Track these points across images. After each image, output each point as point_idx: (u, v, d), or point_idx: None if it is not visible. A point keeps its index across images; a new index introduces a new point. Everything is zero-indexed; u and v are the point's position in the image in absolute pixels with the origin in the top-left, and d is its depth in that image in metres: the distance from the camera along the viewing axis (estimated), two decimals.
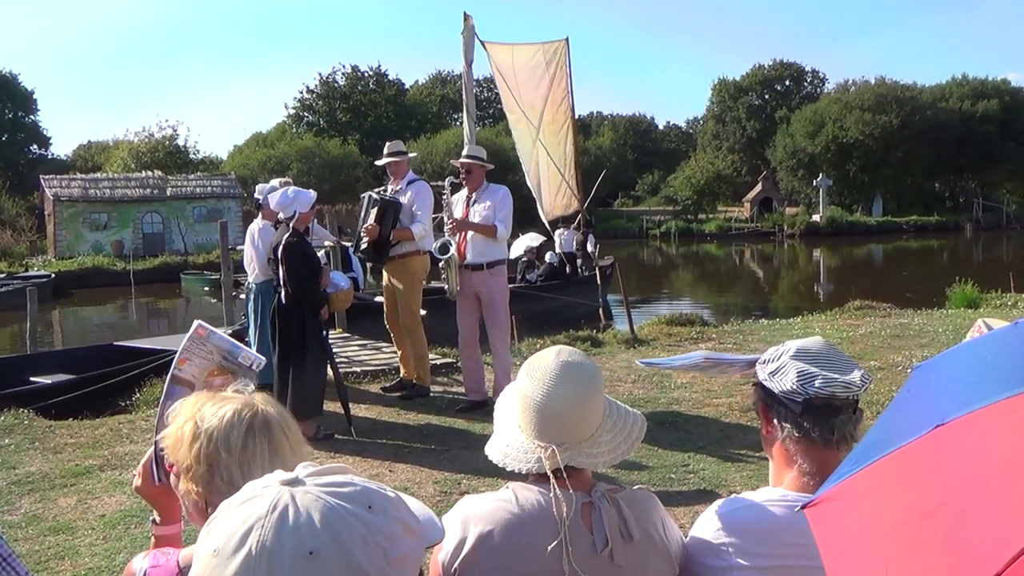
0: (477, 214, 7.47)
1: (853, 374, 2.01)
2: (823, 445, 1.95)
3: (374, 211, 7.73)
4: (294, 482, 0.90)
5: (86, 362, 10.58)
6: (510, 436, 2.06)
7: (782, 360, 2.04)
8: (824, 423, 1.97)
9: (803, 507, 1.23)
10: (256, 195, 8.52)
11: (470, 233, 7.48)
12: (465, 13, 9.46)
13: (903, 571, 1.00)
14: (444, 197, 7.65)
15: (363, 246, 7.91)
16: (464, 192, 7.63)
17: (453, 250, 7.42)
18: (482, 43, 10.71)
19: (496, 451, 2.06)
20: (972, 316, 12.07)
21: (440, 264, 7.66)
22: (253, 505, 0.88)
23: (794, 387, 1.99)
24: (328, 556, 0.84)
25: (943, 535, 0.98)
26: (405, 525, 0.92)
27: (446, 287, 7.69)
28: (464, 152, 7.72)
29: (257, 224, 8.23)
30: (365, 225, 7.76)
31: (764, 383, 2.08)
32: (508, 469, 2.02)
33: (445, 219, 7.57)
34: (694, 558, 2.10)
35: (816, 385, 1.97)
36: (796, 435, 2.01)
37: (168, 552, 1.76)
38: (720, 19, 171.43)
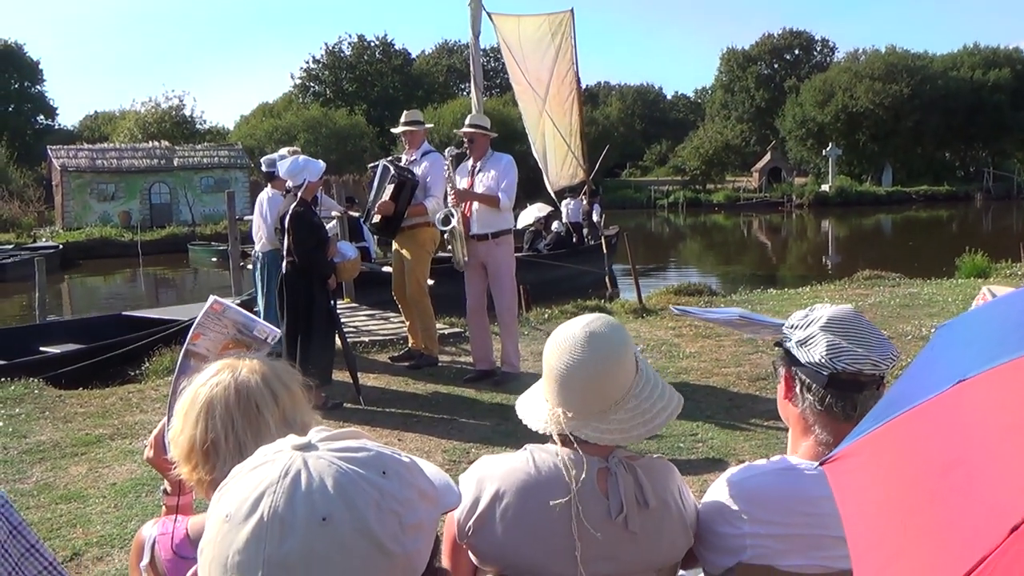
0: (481, 183, 7.43)
1: (883, 350, 1.98)
2: (843, 420, 1.93)
3: (390, 187, 7.66)
4: (306, 447, 0.89)
5: (95, 332, 10.62)
6: (537, 391, 2.07)
7: (812, 330, 2.01)
8: (848, 399, 1.94)
9: (821, 463, 1.22)
10: (264, 167, 8.49)
11: (475, 204, 7.45)
12: None
13: (921, 524, 0.99)
14: (446, 167, 7.59)
15: (375, 220, 7.88)
16: (469, 162, 7.59)
17: (455, 221, 7.38)
18: (488, 15, 10.69)
19: (523, 406, 2.08)
20: (982, 286, 12.03)
21: (444, 236, 7.62)
22: (265, 470, 0.86)
23: (822, 360, 1.96)
24: (341, 522, 0.83)
25: (963, 488, 0.97)
26: (420, 491, 0.90)
27: (453, 258, 7.66)
28: (467, 121, 7.66)
29: (266, 193, 8.25)
30: (380, 200, 7.70)
31: (791, 350, 2.05)
32: (524, 423, 2.03)
33: (448, 190, 7.53)
34: (706, 525, 2.10)
35: (845, 360, 1.94)
36: (818, 408, 1.99)
37: (177, 519, 1.77)
38: None
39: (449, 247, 7.68)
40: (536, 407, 2.05)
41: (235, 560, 0.83)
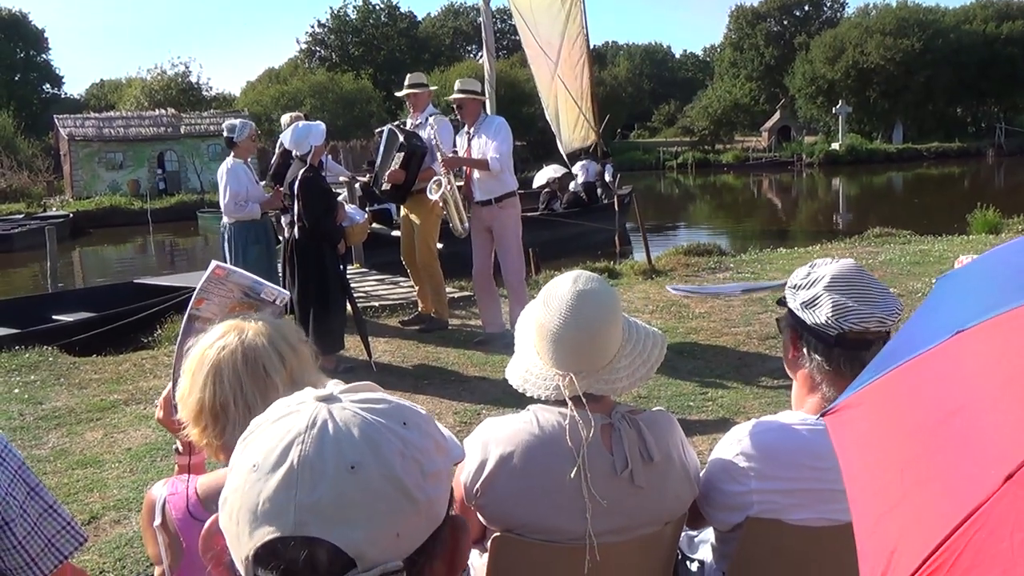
0: (478, 150, 7.38)
1: (888, 304, 1.97)
2: (851, 377, 1.93)
3: (399, 155, 7.63)
4: (329, 398, 0.91)
5: (107, 300, 10.66)
6: (529, 362, 2.07)
7: (816, 290, 1.99)
8: (855, 357, 1.94)
9: (822, 414, 1.23)
10: (225, 132, 7.87)
11: (475, 171, 7.43)
12: None
13: (919, 473, 1.00)
14: (434, 140, 7.54)
15: (385, 187, 7.86)
16: (464, 129, 7.55)
17: (444, 188, 7.36)
18: None
19: (516, 376, 2.07)
20: (994, 241, 11.96)
21: (439, 203, 7.59)
22: (291, 420, 0.88)
23: (828, 321, 1.95)
24: (369, 469, 0.85)
25: (960, 437, 0.99)
26: (437, 442, 0.93)
27: (450, 224, 7.65)
28: (456, 86, 7.57)
29: (227, 163, 7.70)
30: (390, 170, 7.67)
31: (795, 312, 2.04)
32: (528, 395, 2.04)
33: (438, 157, 7.48)
34: (712, 483, 2.11)
35: (851, 320, 1.94)
36: (826, 368, 1.99)
37: (186, 479, 1.79)
38: None
39: (444, 214, 7.65)
40: (533, 375, 2.04)
41: (265, 508, 0.85)
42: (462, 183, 7.87)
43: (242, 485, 0.87)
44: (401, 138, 7.68)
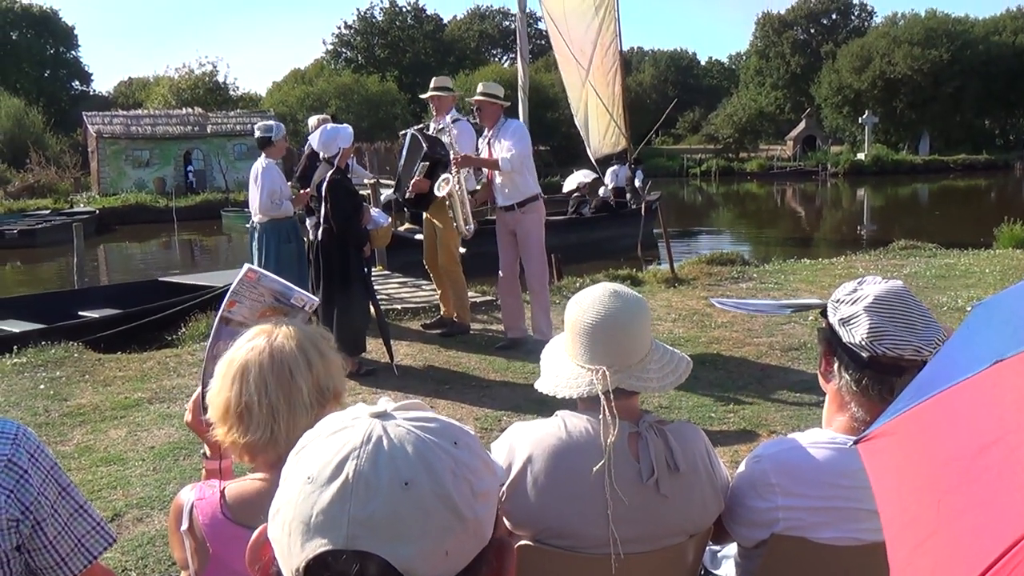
0: (497, 153, 7.42)
1: (929, 334, 1.91)
2: (880, 402, 1.89)
3: (423, 165, 7.67)
4: (384, 415, 0.92)
5: (133, 297, 10.76)
6: (559, 366, 2.09)
7: (856, 308, 1.95)
8: (885, 382, 1.90)
9: (855, 442, 1.22)
10: (258, 132, 7.98)
11: (496, 175, 7.45)
12: None
13: (955, 504, 1.00)
14: (448, 132, 7.64)
15: (409, 195, 7.91)
16: (485, 133, 7.61)
17: (452, 185, 7.40)
18: None
19: (546, 383, 2.09)
20: (1020, 257, 11.86)
21: (447, 204, 7.63)
22: (346, 435, 0.89)
23: (863, 342, 1.91)
24: (422, 486, 0.86)
25: (998, 469, 0.97)
26: (485, 462, 0.94)
27: (455, 223, 7.68)
28: (479, 89, 7.60)
29: (261, 163, 7.83)
30: (414, 180, 7.72)
31: (833, 326, 2.01)
32: (559, 397, 2.05)
33: (452, 157, 7.52)
34: (739, 500, 2.11)
35: (886, 344, 1.89)
36: (854, 388, 1.96)
37: (214, 484, 1.81)
38: None
39: (450, 215, 7.68)
40: (563, 377, 2.06)
41: (319, 520, 0.86)
42: (480, 186, 7.92)
43: (296, 497, 0.88)
44: (425, 147, 7.71)
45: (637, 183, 18.65)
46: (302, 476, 0.88)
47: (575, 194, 19.38)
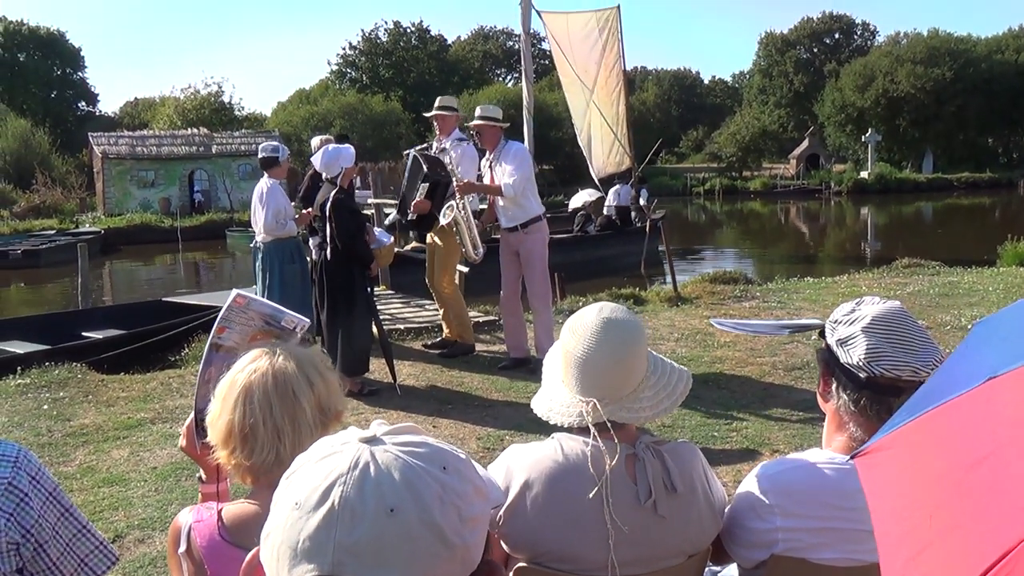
0: (499, 176, 7.43)
1: (926, 355, 1.91)
2: (877, 422, 1.88)
3: (424, 186, 7.70)
4: (373, 440, 0.92)
5: (136, 317, 10.78)
6: (554, 391, 2.08)
7: (854, 329, 1.96)
8: (883, 402, 1.90)
9: (852, 456, 1.23)
10: (261, 153, 7.95)
11: (499, 199, 7.47)
12: None
13: (948, 518, 1.00)
14: (450, 160, 7.65)
15: (411, 217, 7.93)
16: (487, 155, 7.63)
17: (456, 212, 7.42)
18: (538, 12, 11.19)
19: (541, 406, 2.09)
20: None
21: (453, 229, 7.65)
22: (334, 461, 0.90)
23: (860, 363, 1.92)
24: (408, 513, 0.86)
25: (989, 483, 0.99)
26: (475, 486, 0.94)
27: (463, 251, 7.71)
28: (477, 112, 7.61)
29: (264, 183, 7.83)
30: (415, 201, 7.75)
31: (831, 347, 2.02)
32: (552, 423, 2.05)
33: (454, 182, 7.54)
34: (738, 521, 2.10)
35: (883, 365, 1.90)
36: (852, 409, 1.97)
37: (211, 507, 1.81)
38: None
39: (457, 240, 7.70)
40: (558, 403, 2.06)
41: (305, 545, 0.87)
42: (485, 207, 7.95)
43: (284, 522, 0.89)
44: (425, 168, 7.74)
45: (642, 201, 18.83)
46: (290, 501, 0.89)
47: (580, 212, 19.62)
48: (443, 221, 7.55)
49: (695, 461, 2.09)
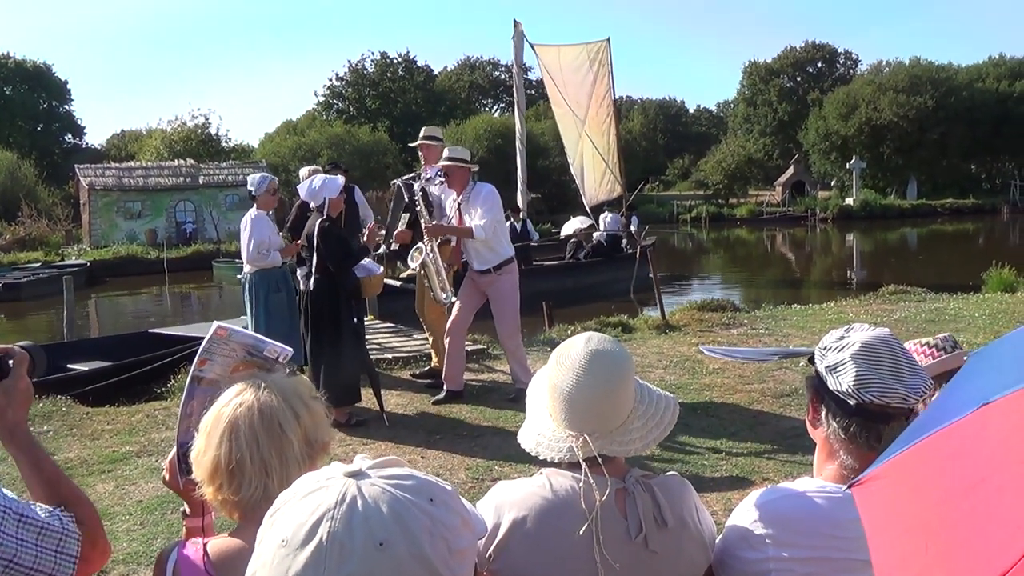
0: (467, 218, 7.38)
1: (916, 383, 1.92)
2: (867, 449, 1.89)
3: (406, 216, 7.72)
4: (358, 474, 0.91)
5: (122, 349, 10.71)
6: (542, 425, 2.06)
7: (843, 356, 1.96)
8: (872, 429, 1.90)
9: (850, 486, 1.24)
10: (248, 185, 8.05)
11: (467, 240, 7.42)
12: (515, 20, 9.90)
13: (943, 545, 1.01)
14: (417, 202, 7.59)
15: (395, 246, 7.96)
16: (452, 195, 7.54)
17: (425, 255, 7.41)
18: (531, 45, 11.45)
19: (528, 439, 2.06)
20: (1009, 301, 11.91)
21: (420, 272, 7.63)
22: (320, 496, 0.89)
23: (849, 390, 1.93)
24: (398, 547, 0.85)
25: (982, 510, 0.99)
26: (463, 518, 0.93)
27: (432, 294, 7.68)
28: (445, 153, 7.51)
29: (251, 214, 7.89)
30: (396, 231, 7.76)
31: (820, 374, 2.02)
32: (541, 458, 2.03)
33: (421, 224, 7.51)
34: (729, 551, 2.09)
35: (872, 392, 1.90)
36: (842, 436, 1.96)
37: (197, 541, 1.79)
38: (751, 1, 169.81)
39: (426, 284, 7.66)
40: (546, 438, 2.03)
41: None
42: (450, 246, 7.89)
43: (271, 559, 0.87)
44: (407, 198, 7.77)
45: (633, 228, 19.04)
46: (276, 539, 0.88)
47: (572, 239, 19.84)
48: (412, 264, 7.52)
49: (685, 494, 2.08)
